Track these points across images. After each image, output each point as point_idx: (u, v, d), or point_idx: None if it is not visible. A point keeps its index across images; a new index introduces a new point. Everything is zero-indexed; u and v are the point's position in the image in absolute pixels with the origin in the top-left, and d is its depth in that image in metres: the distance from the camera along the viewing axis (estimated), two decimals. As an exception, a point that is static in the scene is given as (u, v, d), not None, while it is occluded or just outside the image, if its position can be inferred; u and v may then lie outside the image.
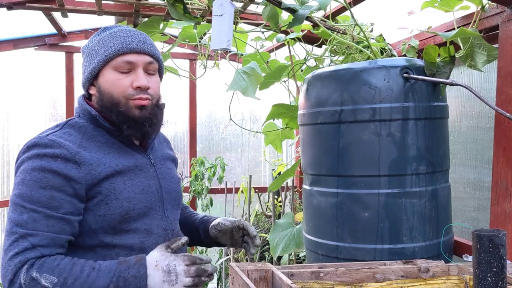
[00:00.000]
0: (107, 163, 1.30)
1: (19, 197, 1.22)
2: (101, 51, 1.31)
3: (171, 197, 1.46)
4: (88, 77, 1.34)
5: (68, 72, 4.03)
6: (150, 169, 1.41)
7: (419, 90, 1.86)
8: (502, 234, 1.16)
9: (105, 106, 1.33)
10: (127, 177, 1.33)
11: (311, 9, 2.01)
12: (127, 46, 1.30)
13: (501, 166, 1.87)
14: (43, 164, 1.24)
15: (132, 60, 1.31)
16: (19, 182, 1.24)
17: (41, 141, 1.27)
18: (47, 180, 1.23)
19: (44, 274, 1.15)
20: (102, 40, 1.32)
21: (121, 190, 1.30)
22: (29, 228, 1.20)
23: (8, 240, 1.20)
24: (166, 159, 1.53)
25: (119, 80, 1.31)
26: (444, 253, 1.90)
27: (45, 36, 3.83)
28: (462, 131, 2.33)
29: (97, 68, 1.32)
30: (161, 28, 2.46)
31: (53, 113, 4.12)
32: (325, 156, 1.97)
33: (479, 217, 2.26)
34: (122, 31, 1.34)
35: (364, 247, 1.86)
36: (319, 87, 1.99)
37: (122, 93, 1.31)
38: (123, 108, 1.31)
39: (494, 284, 1.16)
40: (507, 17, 1.85)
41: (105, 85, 1.32)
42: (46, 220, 1.22)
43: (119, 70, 1.31)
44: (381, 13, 2.78)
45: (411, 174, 1.85)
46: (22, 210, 1.21)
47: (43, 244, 1.21)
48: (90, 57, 1.33)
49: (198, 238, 1.59)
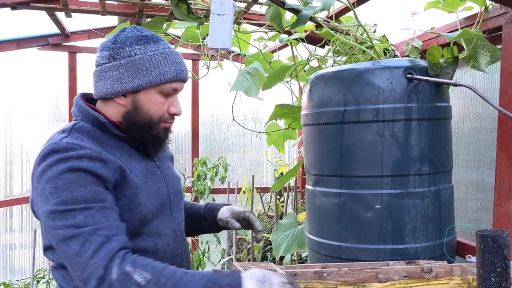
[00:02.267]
0: (127, 169, 1.30)
1: (62, 204, 1.15)
2: (155, 72, 1.27)
3: (177, 198, 1.46)
4: (128, 89, 1.29)
5: (71, 72, 4.04)
6: (157, 172, 1.41)
7: (422, 90, 1.87)
8: (506, 234, 1.16)
9: (137, 123, 1.31)
10: (142, 181, 1.32)
11: (315, 10, 2.01)
12: (179, 75, 1.31)
13: (504, 167, 1.87)
14: (70, 165, 1.18)
15: (178, 88, 1.34)
16: (52, 192, 1.16)
17: (59, 146, 1.21)
18: (82, 178, 1.18)
19: (138, 269, 1.11)
20: (155, 58, 1.28)
21: (140, 195, 1.29)
22: (91, 225, 1.14)
23: (75, 244, 1.12)
24: (166, 158, 1.54)
25: (163, 104, 1.32)
26: (447, 254, 1.90)
27: (48, 36, 3.85)
28: (465, 132, 2.33)
29: (145, 86, 1.28)
30: (164, 28, 2.47)
31: (56, 113, 4.13)
32: (328, 157, 1.97)
33: (482, 218, 2.26)
34: (173, 53, 1.32)
35: (367, 247, 1.86)
36: (322, 88, 1.99)
37: (160, 117, 1.33)
38: (157, 130, 1.33)
39: (498, 284, 1.16)
40: (510, 18, 1.86)
41: (146, 105, 1.30)
42: (102, 212, 1.18)
43: (164, 94, 1.31)
44: (384, 13, 2.78)
45: (414, 175, 1.85)
46: (73, 213, 1.15)
47: (114, 233, 1.17)
48: (136, 71, 1.27)
49: (206, 226, 1.59)
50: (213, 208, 1.58)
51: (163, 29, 2.47)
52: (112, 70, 1.30)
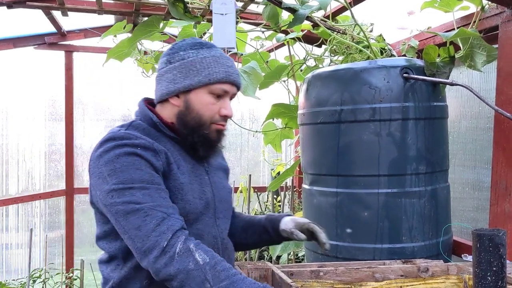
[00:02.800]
0: (174, 163, 1.33)
1: (121, 183, 1.20)
2: (204, 72, 1.32)
3: (223, 207, 1.47)
4: (180, 89, 1.34)
5: (67, 71, 4.02)
6: (205, 177, 1.42)
7: (419, 90, 1.87)
8: (502, 233, 1.17)
9: (188, 123, 1.35)
10: (188, 180, 1.35)
11: (312, 9, 2.01)
12: (229, 77, 1.34)
13: (500, 166, 1.88)
14: (126, 150, 1.23)
15: (228, 90, 1.36)
16: (110, 174, 1.21)
17: (117, 135, 1.27)
18: (138, 162, 1.23)
19: (200, 251, 1.15)
20: (206, 61, 1.34)
21: (185, 192, 1.32)
22: (149, 202, 1.18)
23: (136, 219, 1.17)
24: (219, 168, 1.54)
25: (213, 105, 1.34)
26: (443, 253, 1.91)
27: (44, 35, 3.82)
28: (462, 131, 2.34)
29: (195, 86, 1.33)
30: (161, 27, 2.46)
31: (52, 112, 4.11)
32: (325, 156, 1.97)
33: (478, 217, 2.26)
34: (224, 57, 1.37)
35: (364, 247, 1.87)
36: (319, 87, 1.99)
37: (211, 117, 1.35)
38: (207, 131, 1.35)
39: (494, 283, 1.17)
40: (507, 18, 1.86)
41: (197, 105, 1.34)
42: (159, 193, 1.22)
43: (214, 95, 1.35)
44: (381, 13, 2.78)
45: (411, 174, 1.85)
46: (131, 191, 1.19)
47: (172, 212, 1.20)
48: (188, 71, 1.33)
49: (267, 237, 1.56)
50: (274, 219, 1.54)
51: (160, 28, 2.46)
52: (167, 73, 1.36)
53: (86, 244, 4.17)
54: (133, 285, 1.29)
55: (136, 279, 1.29)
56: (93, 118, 4.24)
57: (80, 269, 3.64)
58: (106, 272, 1.36)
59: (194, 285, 1.12)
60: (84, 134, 4.17)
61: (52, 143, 4.12)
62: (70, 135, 4.04)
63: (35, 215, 4.00)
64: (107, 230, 1.32)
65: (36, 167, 4.03)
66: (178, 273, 1.12)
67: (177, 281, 1.13)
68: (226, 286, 1.11)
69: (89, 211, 4.14)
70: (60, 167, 4.09)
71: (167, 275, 1.13)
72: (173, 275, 1.13)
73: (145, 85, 3.57)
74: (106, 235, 1.33)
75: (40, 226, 4.03)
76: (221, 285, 1.11)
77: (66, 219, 4.03)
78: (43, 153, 4.08)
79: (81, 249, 4.11)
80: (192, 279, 1.12)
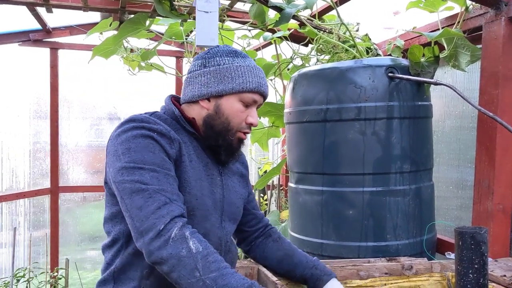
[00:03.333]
0: (186, 155, 1.36)
1: (132, 162, 1.23)
2: (238, 80, 1.37)
3: (231, 210, 1.47)
4: (212, 93, 1.38)
5: (52, 69, 3.98)
6: (217, 178, 1.44)
7: (404, 89, 1.88)
8: (483, 231, 1.18)
9: (215, 126, 1.39)
10: (198, 176, 1.37)
11: (298, 8, 2.01)
12: (260, 87, 1.39)
13: (483, 165, 1.90)
14: (143, 132, 1.27)
15: (257, 101, 1.41)
16: (124, 152, 1.25)
17: (137, 117, 1.31)
18: (153, 146, 1.26)
19: (194, 239, 1.17)
20: (241, 69, 1.39)
21: (193, 186, 1.34)
22: (156, 185, 1.21)
23: (139, 199, 1.20)
24: (235, 173, 1.56)
25: (242, 112, 1.39)
26: (427, 251, 1.92)
27: (29, 32, 3.78)
28: (446, 130, 2.36)
29: (228, 92, 1.37)
30: (147, 25, 2.45)
31: (37, 110, 4.06)
32: (311, 154, 1.98)
33: (462, 215, 2.29)
34: (257, 68, 1.42)
35: (349, 245, 1.88)
36: (305, 86, 2.00)
37: (238, 124, 1.39)
38: (232, 137, 1.39)
39: (475, 281, 1.18)
40: (490, 18, 1.88)
41: (227, 110, 1.38)
42: (167, 178, 1.24)
43: (244, 103, 1.39)
44: (367, 12, 2.80)
45: (395, 173, 1.86)
46: (141, 171, 1.22)
47: (175, 199, 1.23)
48: (222, 77, 1.38)
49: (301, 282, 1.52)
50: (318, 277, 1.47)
51: (146, 26, 2.44)
52: (201, 76, 1.41)
53: (71, 243, 4.13)
54: (133, 273, 1.31)
55: (137, 267, 1.31)
56: (79, 116, 4.20)
57: (65, 268, 3.61)
58: (108, 257, 1.38)
59: (184, 272, 1.13)
60: (70, 132, 4.12)
61: (37, 141, 4.07)
62: (55, 133, 4.00)
63: (19, 213, 3.95)
64: (114, 212, 1.34)
65: (21, 165, 3.98)
66: (169, 257, 1.13)
67: (168, 266, 1.14)
68: (215, 277, 1.12)
69: (74, 210, 4.11)
70: (45, 166, 4.04)
71: (159, 258, 1.14)
72: (165, 259, 1.14)
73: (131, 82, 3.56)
74: (112, 217, 1.36)
75: (24, 225, 3.98)
76: (210, 276, 1.12)
77: (50, 218, 3.99)
78: (28, 151, 4.03)
79: (66, 248, 4.08)
80: (182, 265, 1.13)
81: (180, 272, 1.13)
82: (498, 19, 1.84)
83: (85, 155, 4.15)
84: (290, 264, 1.52)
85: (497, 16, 1.85)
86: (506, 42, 1.83)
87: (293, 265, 1.52)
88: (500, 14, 1.83)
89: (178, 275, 1.13)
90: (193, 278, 1.12)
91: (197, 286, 1.11)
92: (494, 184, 1.85)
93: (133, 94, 4.16)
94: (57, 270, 3.68)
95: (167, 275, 1.15)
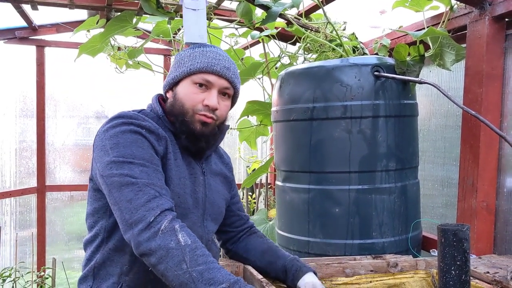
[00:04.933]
0: (172, 153, 1.37)
1: (122, 156, 1.23)
2: (188, 63, 1.39)
3: (213, 210, 1.48)
4: (170, 82, 1.42)
5: (39, 67, 3.94)
6: (200, 177, 1.45)
7: (390, 88, 1.89)
8: (466, 228, 1.19)
9: (174, 112, 1.40)
10: (182, 175, 1.38)
11: (284, 6, 2.02)
12: (211, 67, 1.38)
13: (467, 163, 1.92)
14: (132, 128, 1.28)
15: (211, 80, 1.39)
16: (112, 147, 1.25)
17: (126, 114, 1.32)
18: (142, 141, 1.27)
19: (183, 232, 1.17)
20: (193, 54, 1.41)
21: (176, 184, 1.34)
22: (145, 179, 1.22)
23: (129, 192, 1.20)
24: (218, 174, 1.56)
25: (194, 94, 1.38)
26: (412, 248, 1.94)
27: (15, 29, 3.73)
28: (431, 129, 2.38)
29: (180, 77, 1.40)
30: (134, 22, 2.43)
31: (23, 108, 4.02)
32: (298, 153, 1.98)
33: (448, 213, 2.31)
34: (213, 52, 1.42)
35: (335, 242, 1.89)
36: (292, 84, 2.00)
37: (192, 106, 1.38)
38: (188, 119, 1.38)
39: (458, 277, 1.19)
40: (475, 18, 1.90)
41: (180, 94, 1.39)
42: (156, 173, 1.25)
43: (197, 85, 1.39)
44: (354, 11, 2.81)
45: (381, 171, 1.88)
46: (130, 165, 1.23)
47: (164, 193, 1.23)
48: (178, 66, 1.42)
49: (280, 276, 1.50)
50: (299, 269, 1.46)
51: (133, 24, 2.43)
52: (169, 71, 1.46)
53: (58, 243, 4.10)
54: (113, 269, 1.31)
55: (117, 263, 1.31)
56: (66, 114, 4.16)
57: (52, 268, 3.58)
58: (88, 253, 1.38)
59: (171, 264, 1.13)
60: (56, 130, 4.09)
61: (23, 140, 4.03)
62: (42, 131, 3.96)
63: (5, 213, 3.91)
64: (96, 207, 1.34)
65: (7, 164, 3.94)
66: (158, 249, 1.14)
67: (156, 257, 1.14)
68: (202, 270, 1.12)
69: (61, 209, 4.08)
70: (32, 164, 4.01)
71: (148, 249, 1.15)
72: (153, 250, 1.14)
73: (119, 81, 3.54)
74: (94, 213, 1.36)
75: (10, 224, 3.94)
76: (197, 269, 1.12)
77: (37, 217, 3.95)
78: (14, 150, 3.99)
79: (53, 247, 4.04)
80: (170, 257, 1.13)
81: (167, 264, 1.13)
82: (482, 19, 1.86)
83: (72, 154, 4.12)
84: (273, 255, 1.53)
85: (481, 16, 1.87)
86: (490, 41, 1.85)
87: (275, 257, 1.52)
88: (484, 13, 1.85)
89: (166, 266, 1.13)
90: (180, 270, 1.12)
91: (183, 278, 1.12)
92: (478, 182, 1.88)
93: (121, 92, 4.14)
94: (44, 270, 3.65)
95: (154, 267, 1.15)
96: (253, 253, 1.56)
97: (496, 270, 1.54)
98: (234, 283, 1.11)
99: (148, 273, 1.21)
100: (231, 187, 1.61)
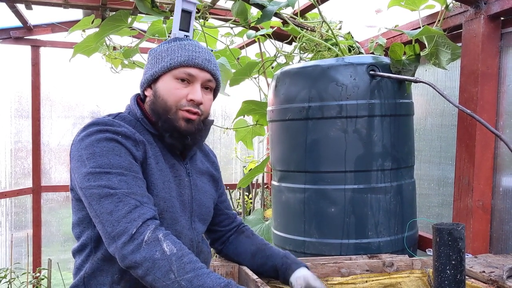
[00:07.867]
0: (152, 157, 1.33)
1: (98, 167, 1.20)
2: (167, 58, 1.34)
3: (200, 211, 1.45)
4: (148, 79, 1.37)
5: (34, 67, 3.92)
6: (185, 178, 1.41)
7: (385, 87, 1.89)
8: (461, 227, 1.19)
9: (156, 110, 1.35)
10: (166, 178, 1.34)
11: (280, 5, 2.01)
12: (192, 60, 1.34)
13: (463, 163, 1.92)
14: (108, 136, 1.24)
15: (193, 74, 1.34)
16: (89, 158, 1.21)
17: (100, 121, 1.28)
18: (118, 149, 1.23)
19: (168, 241, 1.15)
20: (171, 48, 1.36)
21: (160, 188, 1.31)
22: (125, 188, 1.19)
23: (109, 203, 1.17)
24: (204, 173, 1.52)
25: (177, 89, 1.34)
26: (408, 248, 1.94)
27: (10, 29, 3.72)
28: (427, 128, 2.38)
29: (159, 73, 1.34)
30: (129, 22, 2.42)
31: (19, 109, 4.00)
32: (293, 152, 1.98)
33: (444, 212, 2.31)
34: (191, 45, 1.37)
35: (331, 242, 1.88)
36: (288, 84, 2.00)
37: (176, 102, 1.33)
38: (171, 116, 1.33)
39: (453, 277, 1.19)
40: (470, 17, 1.90)
41: (162, 91, 1.34)
42: (136, 181, 1.22)
43: (179, 80, 1.34)
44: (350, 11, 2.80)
45: (377, 170, 1.87)
46: (108, 176, 1.19)
47: (145, 201, 1.20)
48: (155, 61, 1.36)
49: (273, 275, 1.50)
50: (289, 266, 1.45)
51: (128, 23, 2.42)
52: (144, 68, 1.41)
53: (54, 243, 4.08)
54: (104, 278, 1.29)
55: (108, 272, 1.28)
56: (61, 114, 4.15)
57: (47, 269, 3.57)
58: (78, 262, 1.35)
59: (159, 275, 1.11)
60: (52, 131, 4.07)
61: (19, 140, 4.01)
62: (37, 132, 3.95)
63: (0, 214, 3.89)
64: (80, 217, 1.31)
65: (2, 164, 3.93)
66: (143, 261, 1.12)
67: (142, 269, 1.12)
68: (190, 278, 1.11)
69: (57, 210, 4.06)
70: (27, 165, 3.99)
71: (133, 262, 1.13)
72: (139, 262, 1.12)
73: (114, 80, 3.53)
74: (79, 223, 1.33)
75: (5, 225, 3.93)
76: (186, 277, 1.11)
77: (33, 218, 3.94)
78: (9, 151, 3.97)
79: (49, 248, 4.03)
80: (157, 268, 1.11)
81: (155, 275, 1.11)
82: (478, 17, 1.86)
83: (67, 154, 4.08)
84: (263, 257, 1.51)
85: (477, 14, 1.86)
86: (485, 40, 1.85)
87: (265, 257, 1.50)
88: (480, 12, 1.85)
89: (153, 278, 1.11)
90: (168, 281, 1.10)
91: None
92: (473, 181, 1.87)
93: (116, 92, 4.13)
94: (40, 271, 3.64)
95: (142, 279, 1.14)
96: (243, 257, 1.55)
97: (492, 269, 1.53)
98: (225, 286, 1.10)
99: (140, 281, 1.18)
100: (218, 186, 1.58)
